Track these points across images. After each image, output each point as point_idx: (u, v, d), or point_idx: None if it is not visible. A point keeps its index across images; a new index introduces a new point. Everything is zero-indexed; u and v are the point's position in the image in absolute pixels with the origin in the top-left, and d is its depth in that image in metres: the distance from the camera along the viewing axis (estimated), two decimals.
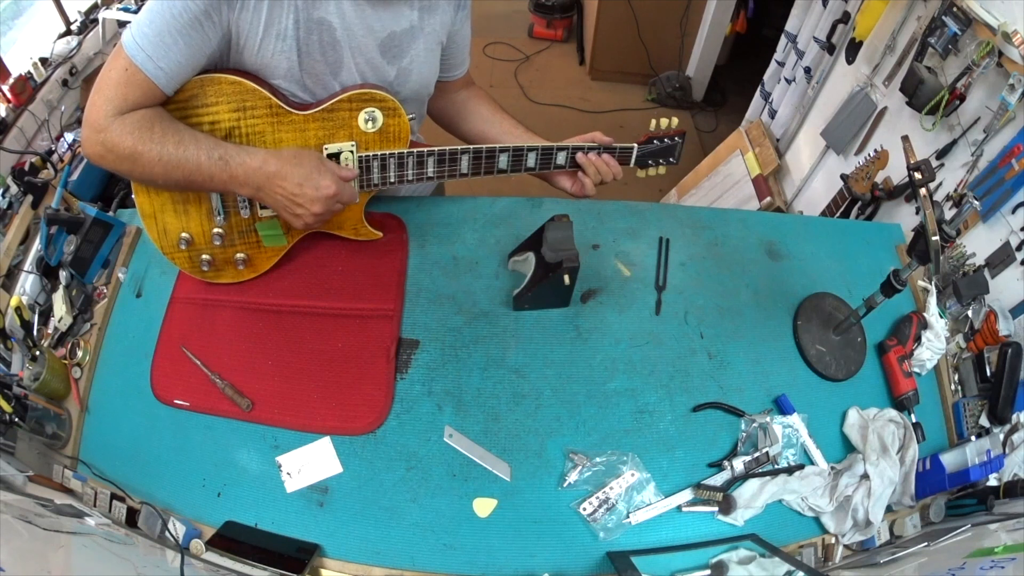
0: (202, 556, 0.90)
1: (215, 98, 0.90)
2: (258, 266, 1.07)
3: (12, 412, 0.94)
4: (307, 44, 0.90)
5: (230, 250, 1.04)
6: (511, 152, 1.03)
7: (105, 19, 2.13)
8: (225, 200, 1.00)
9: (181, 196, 0.99)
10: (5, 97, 1.74)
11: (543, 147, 1.04)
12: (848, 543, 0.96)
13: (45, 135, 1.83)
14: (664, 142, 1.08)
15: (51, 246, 1.19)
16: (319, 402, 1.01)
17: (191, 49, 0.84)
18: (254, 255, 1.05)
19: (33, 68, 1.83)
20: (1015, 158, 1.17)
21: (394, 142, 0.98)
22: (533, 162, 1.05)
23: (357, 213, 1.08)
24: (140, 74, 0.83)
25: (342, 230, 1.09)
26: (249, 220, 1.02)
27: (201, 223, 1.01)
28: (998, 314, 1.11)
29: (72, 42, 2.03)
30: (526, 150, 1.03)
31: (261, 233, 1.02)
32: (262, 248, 1.05)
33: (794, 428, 1.00)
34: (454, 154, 1.01)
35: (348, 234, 1.10)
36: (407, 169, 1.01)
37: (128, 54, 0.82)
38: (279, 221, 1.02)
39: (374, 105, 0.94)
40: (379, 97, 0.94)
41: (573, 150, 1.05)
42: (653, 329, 1.10)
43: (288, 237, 1.04)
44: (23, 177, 1.53)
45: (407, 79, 1.02)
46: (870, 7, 1.68)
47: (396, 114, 0.96)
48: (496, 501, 0.94)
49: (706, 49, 3.27)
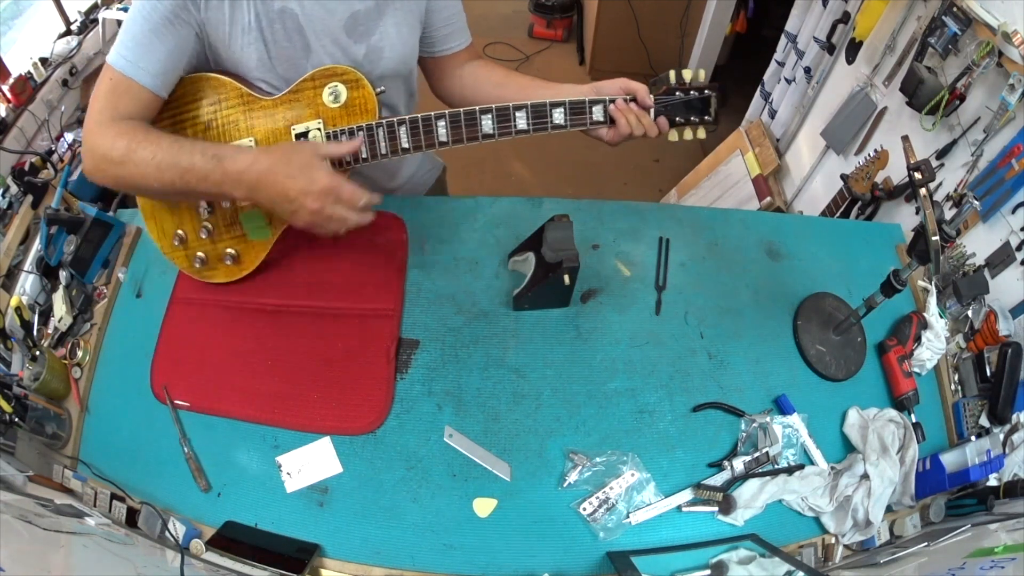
0: (202, 556, 0.90)
1: (192, 95, 0.93)
2: (247, 262, 1.05)
3: (12, 412, 0.94)
4: (272, 34, 0.92)
5: (219, 245, 1.03)
6: (495, 113, 0.92)
7: (105, 19, 2.13)
8: None
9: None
10: (5, 97, 1.74)
11: (533, 104, 0.92)
12: (848, 543, 0.96)
13: (45, 135, 1.83)
14: (691, 95, 0.95)
15: (51, 246, 1.19)
16: (319, 402, 1.01)
17: (169, 48, 0.86)
18: (242, 251, 1.04)
19: (33, 68, 1.84)
20: (1015, 158, 1.17)
21: (361, 115, 0.94)
22: (525, 123, 0.92)
23: None
24: (125, 80, 0.85)
25: None
26: (232, 211, 1.01)
27: (192, 218, 1.02)
28: (998, 314, 1.11)
29: (72, 42, 2.03)
30: (512, 109, 0.92)
31: (245, 226, 1.01)
32: (249, 242, 1.03)
33: (794, 428, 1.00)
34: (428, 121, 0.92)
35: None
36: (379, 141, 0.94)
37: (111, 64, 0.86)
38: (261, 211, 1.00)
39: (336, 80, 0.93)
40: (340, 71, 0.93)
41: (572, 106, 0.93)
42: (653, 329, 1.10)
43: (271, 229, 1.02)
44: (23, 177, 1.53)
45: (379, 56, 1.00)
46: (870, 7, 1.68)
47: (359, 85, 0.93)
48: (496, 501, 0.94)
49: (706, 49, 3.27)
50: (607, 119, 0.95)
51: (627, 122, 0.94)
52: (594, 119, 0.95)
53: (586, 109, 0.94)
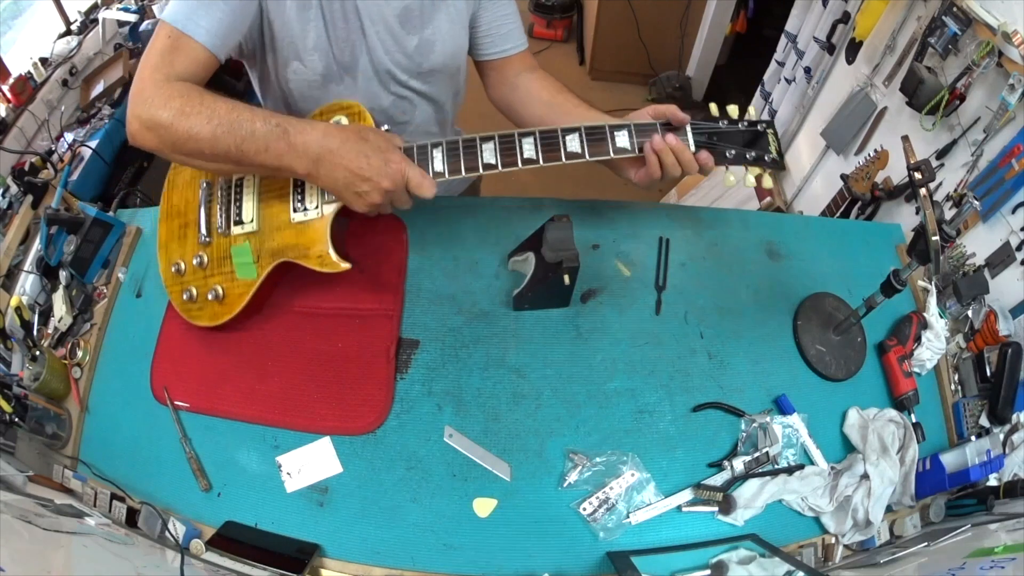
0: (202, 556, 0.90)
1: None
2: (229, 303, 1.00)
3: (12, 412, 0.94)
4: (331, 12, 0.93)
5: (209, 280, 1.01)
6: (497, 140, 0.88)
7: (105, 19, 2.13)
8: (210, 221, 1.00)
9: (186, 219, 1.00)
10: (5, 97, 1.74)
11: (542, 132, 0.88)
12: (848, 543, 0.96)
13: (45, 135, 1.83)
14: (738, 126, 0.88)
15: (51, 246, 1.19)
16: (319, 402, 1.01)
17: (230, 7, 0.84)
18: (228, 289, 1.00)
19: (33, 68, 1.84)
20: (1015, 158, 1.17)
21: None
22: (532, 151, 0.87)
23: (321, 236, 0.93)
24: (183, 37, 0.81)
25: (308, 259, 0.95)
26: (227, 243, 0.99)
27: (193, 248, 1.01)
28: (998, 314, 1.11)
29: (72, 42, 2.03)
30: (517, 136, 0.88)
31: (235, 260, 0.99)
32: (235, 281, 0.99)
33: (794, 428, 1.00)
34: (423, 149, 0.89)
35: (314, 265, 0.94)
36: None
37: (168, 21, 0.82)
38: (251, 247, 0.98)
39: (341, 112, 0.93)
40: (346, 104, 0.93)
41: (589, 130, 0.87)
42: (653, 329, 1.10)
43: (258, 267, 0.98)
44: (23, 177, 1.53)
45: (430, 50, 1.01)
46: (870, 7, 1.68)
47: (361, 118, 0.92)
48: (496, 501, 0.94)
49: (706, 49, 3.27)
50: (634, 147, 0.89)
51: (660, 163, 0.87)
52: (617, 146, 0.89)
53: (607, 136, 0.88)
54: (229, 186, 1.01)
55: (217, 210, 1.00)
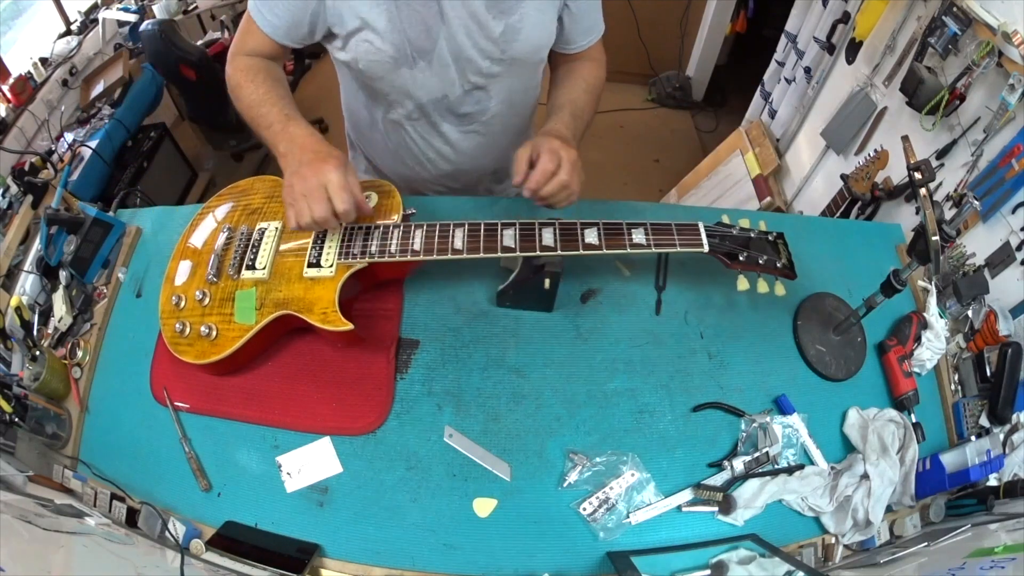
0: (202, 556, 0.90)
1: (256, 188, 1.11)
2: (220, 344, 0.98)
3: (12, 412, 0.94)
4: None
5: (207, 318, 0.99)
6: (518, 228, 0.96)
7: (105, 19, 2.13)
8: (223, 262, 1.01)
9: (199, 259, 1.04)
10: (5, 97, 1.74)
11: (562, 224, 0.95)
12: (848, 543, 0.96)
13: (45, 135, 1.83)
14: (751, 235, 0.95)
15: (51, 246, 1.19)
16: (319, 402, 1.01)
17: (293, 6, 0.95)
18: (222, 330, 0.98)
19: (33, 68, 1.84)
20: (1015, 158, 1.17)
21: (385, 218, 1.00)
22: (512, 241, 0.94)
23: (329, 293, 0.94)
24: (253, 24, 0.99)
25: (311, 314, 0.95)
26: (234, 285, 0.99)
27: (198, 284, 1.01)
28: (998, 314, 1.11)
29: (72, 42, 2.03)
30: (538, 226, 0.96)
31: (237, 304, 0.98)
32: (232, 324, 0.98)
33: (794, 428, 1.00)
34: (445, 229, 0.96)
35: (316, 320, 0.94)
36: (390, 240, 0.96)
37: (249, 8, 1.00)
38: (256, 294, 0.98)
39: (372, 189, 1.02)
40: (378, 183, 1.04)
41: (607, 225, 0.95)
42: (653, 329, 1.10)
43: (258, 314, 0.97)
44: (23, 177, 1.53)
45: (515, 38, 0.98)
46: (870, 7, 1.68)
47: (391, 195, 1.02)
48: (496, 501, 0.94)
49: (706, 49, 3.27)
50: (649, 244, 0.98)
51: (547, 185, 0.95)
52: (634, 241, 0.98)
53: (624, 232, 0.97)
54: (250, 232, 1.03)
55: (232, 253, 1.01)
